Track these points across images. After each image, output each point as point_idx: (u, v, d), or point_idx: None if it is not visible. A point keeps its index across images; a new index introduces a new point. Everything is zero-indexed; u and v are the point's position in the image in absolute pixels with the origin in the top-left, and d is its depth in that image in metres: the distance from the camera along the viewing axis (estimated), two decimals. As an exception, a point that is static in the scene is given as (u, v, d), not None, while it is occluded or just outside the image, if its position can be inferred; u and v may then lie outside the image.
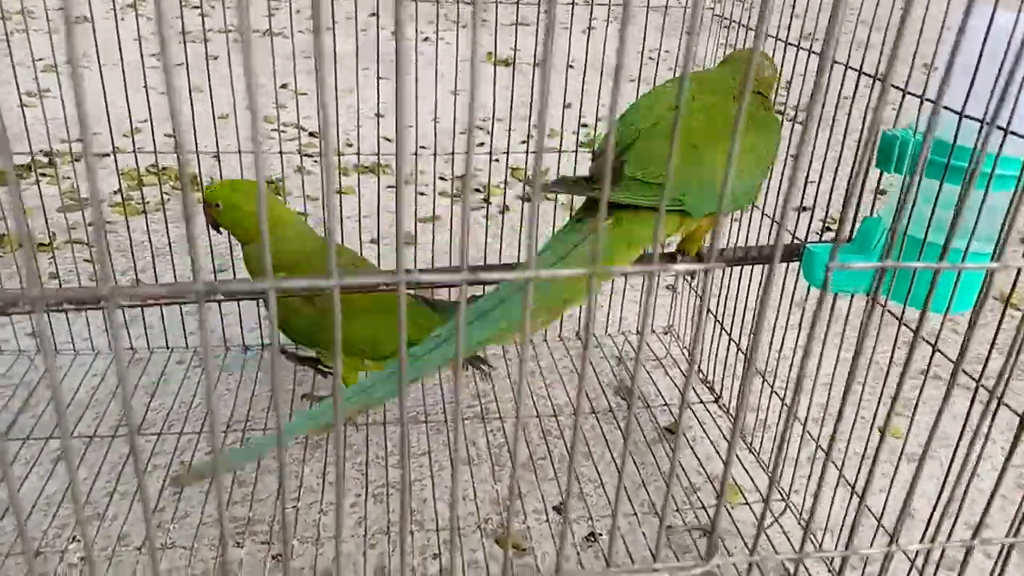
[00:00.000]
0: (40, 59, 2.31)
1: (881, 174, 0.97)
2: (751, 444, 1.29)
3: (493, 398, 1.39)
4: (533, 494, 1.18)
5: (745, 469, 1.24)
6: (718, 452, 1.28)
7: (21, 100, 1.28)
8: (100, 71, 1.20)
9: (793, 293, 1.13)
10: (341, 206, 1.73)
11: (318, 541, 1.09)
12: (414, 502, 1.16)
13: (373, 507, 1.15)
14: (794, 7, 1.17)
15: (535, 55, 1.37)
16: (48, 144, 1.37)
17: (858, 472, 1.06)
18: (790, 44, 1.12)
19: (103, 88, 1.23)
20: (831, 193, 1.14)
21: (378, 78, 1.37)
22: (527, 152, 1.58)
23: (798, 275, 1.01)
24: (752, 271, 1.24)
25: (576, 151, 1.57)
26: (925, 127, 0.89)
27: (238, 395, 1.36)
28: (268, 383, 1.40)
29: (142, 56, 1.30)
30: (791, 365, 1.20)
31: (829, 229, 1.91)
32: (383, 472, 1.21)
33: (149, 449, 1.23)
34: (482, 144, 2.57)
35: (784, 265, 1.06)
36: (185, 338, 1.50)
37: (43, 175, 2.12)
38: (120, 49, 1.23)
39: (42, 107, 1.28)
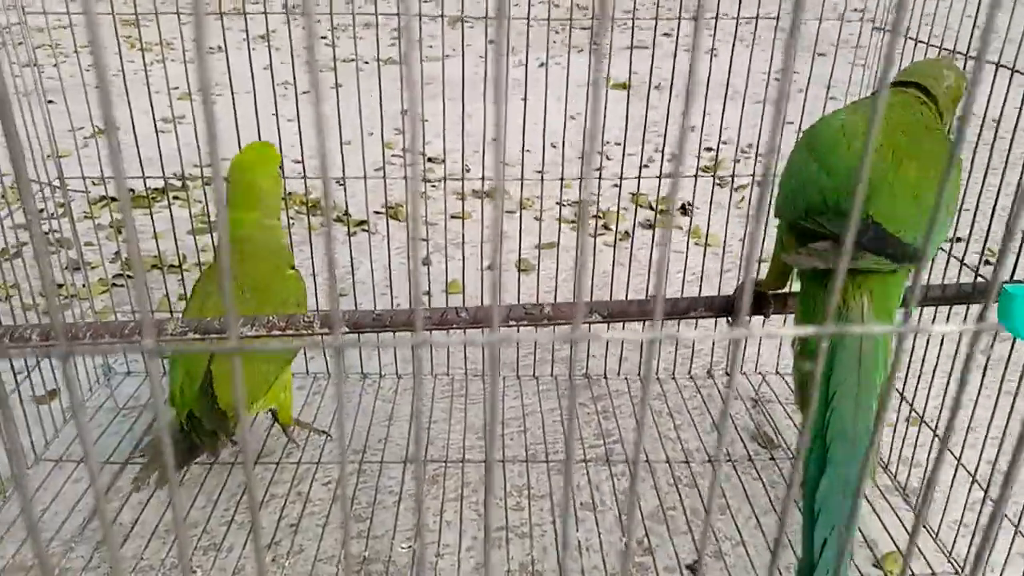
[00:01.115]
0: (175, 87, 2.39)
1: None
2: (907, 496, 1.15)
3: (619, 438, 1.31)
4: (663, 548, 1.09)
5: (901, 522, 1.10)
6: (871, 505, 1.15)
7: (156, 126, 1.30)
8: (233, 99, 1.20)
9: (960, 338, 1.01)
10: (463, 231, 1.70)
11: (435, 586, 1.03)
12: (534, 550, 1.09)
13: (492, 552, 1.08)
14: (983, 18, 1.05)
15: (650, 78, 1.30)
16: (180, 168, 1.39)
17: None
18: (970, 57, 1.01)
19: (235, 115, 1.23)
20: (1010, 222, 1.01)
21: (497, 103, 1.33)
22: (660, 176, 1.51)
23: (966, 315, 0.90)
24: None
25: (695, 175, 1.47)
26: None
27: (356, 420, 1.33)
28: (386, 412, 1.36)
29: (273, 85, 1.31)
30: (951, 410, 1.06)
31: (989, 263, 1.74)
32: (502, 514, 1.15)
33: (268, 478, 1.21)
34: (600, 169, 2.50)
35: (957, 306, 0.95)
36: (306, 364, 1.49)
37: (176, 198, 2.18)
38: (252, 78, 1.23)
39: (176, 133, 1.30)
